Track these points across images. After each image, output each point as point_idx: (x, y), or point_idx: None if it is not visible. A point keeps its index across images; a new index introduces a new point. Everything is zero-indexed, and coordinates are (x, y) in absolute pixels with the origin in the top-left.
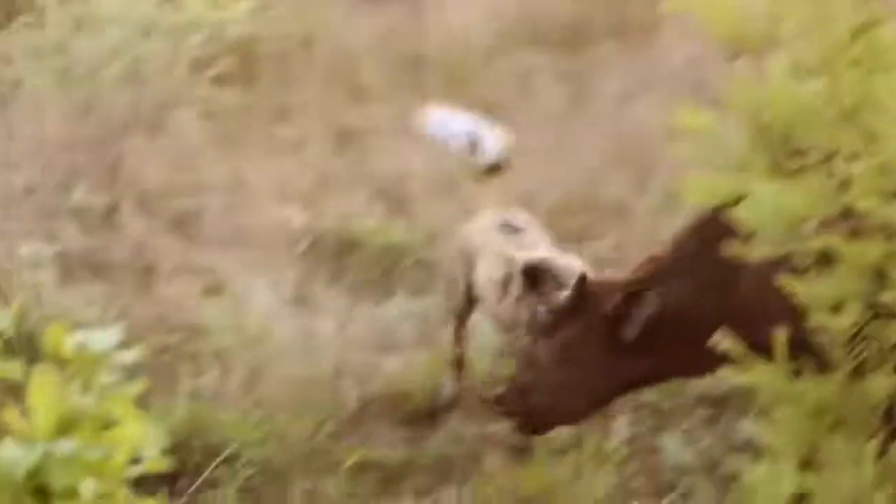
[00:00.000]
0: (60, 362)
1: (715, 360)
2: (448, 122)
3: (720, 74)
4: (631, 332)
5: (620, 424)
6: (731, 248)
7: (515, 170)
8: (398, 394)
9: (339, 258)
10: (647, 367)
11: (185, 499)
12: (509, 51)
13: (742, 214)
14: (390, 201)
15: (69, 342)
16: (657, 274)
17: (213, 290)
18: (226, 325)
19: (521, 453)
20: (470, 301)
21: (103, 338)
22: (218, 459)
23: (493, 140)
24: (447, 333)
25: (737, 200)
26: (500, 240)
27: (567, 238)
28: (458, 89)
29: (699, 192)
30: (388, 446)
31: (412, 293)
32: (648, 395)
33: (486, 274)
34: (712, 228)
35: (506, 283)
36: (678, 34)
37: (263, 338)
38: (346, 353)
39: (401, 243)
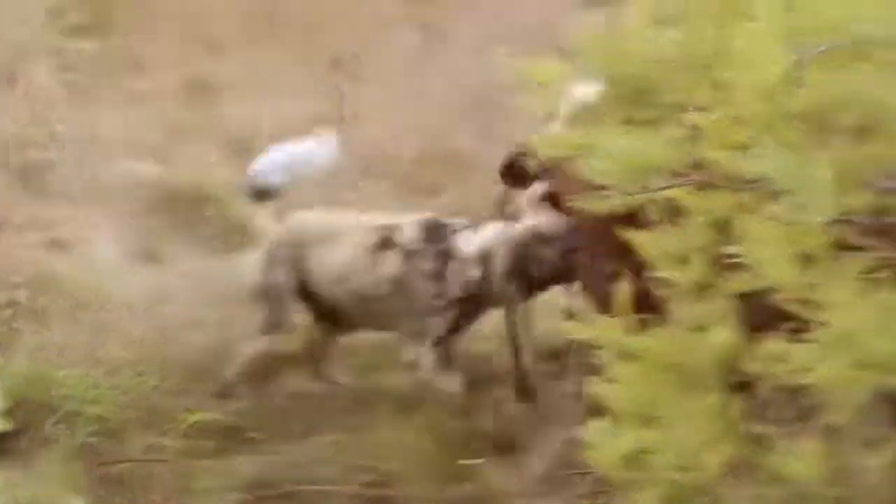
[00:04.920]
0: None
1: None
2: None
3: (574, 23)
4: None
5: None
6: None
7: (368, 121)
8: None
9: (191, 211)
10: None
11: (21, 456)
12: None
13: (593, 167)
14: (242, 154)
15: None
16: None
17: (62, 244)
18: (73, 280)
19: (363, 408)
20: None
21: None
22: (55, 416)
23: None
24: None
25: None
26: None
27: (417, 190)
28: (312, 40)
29: (550, 145)
30: (229, 402)
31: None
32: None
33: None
34: None
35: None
36: None
37: (111, 294)
38: (197, 308)
39: None
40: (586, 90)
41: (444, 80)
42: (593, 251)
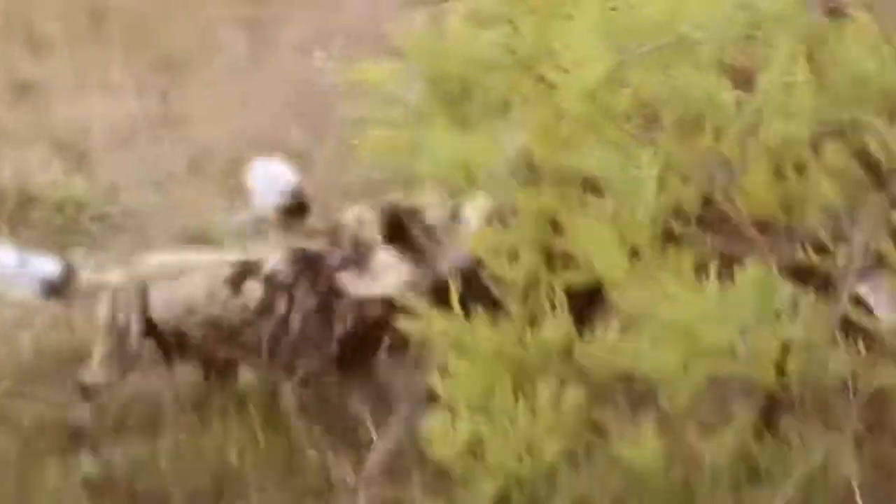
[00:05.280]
0: None
1: None
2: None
3: (399, 24)
4: None
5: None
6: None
7: (196, 122)
8: (80, 348)
9: (17, 214)
10: None
11: None
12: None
13: (421, 166)
14: (69, 155)
15: None
16: None
17: None
18: None
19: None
20: None
21: None
22: None
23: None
24: None
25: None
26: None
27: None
28: (140, 40)
29: (376, 147)
30: (69, 402)
31: (91, 248)
32: None
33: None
34: None
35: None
36: None
37: None
38: (26, 307)
39: (80, 198)
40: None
41: (271, 80)
42: None
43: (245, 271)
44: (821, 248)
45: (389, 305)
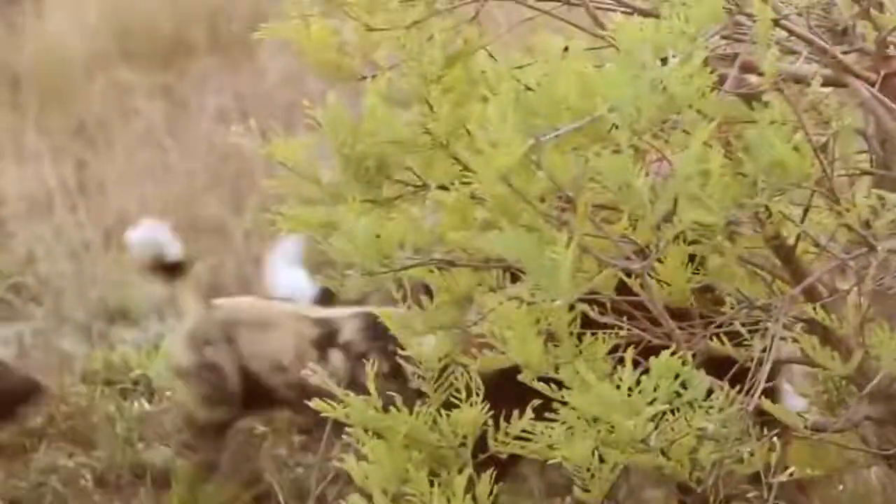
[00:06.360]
0: None
1: None
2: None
3: (317, 96)
4: None
5: None
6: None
7: (111, 191)
8: None
9: None
10: None
11: None
12: (107, 67)
13: (335, 246)
14: None
15: None
16: None
17: None
18: None
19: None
20: None
21: None
22: None
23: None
24: None
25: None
26: None
27: None
28: (54, 108)
29: (292, 223)
30: None
31: (7, 318)
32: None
33: None
34: None
35: None
36: (276, 50)
37: None
38: None
39: None
40: None
41: (188, 149)
42: None
43: (329, 334)
44: (737, 338)
45: None
